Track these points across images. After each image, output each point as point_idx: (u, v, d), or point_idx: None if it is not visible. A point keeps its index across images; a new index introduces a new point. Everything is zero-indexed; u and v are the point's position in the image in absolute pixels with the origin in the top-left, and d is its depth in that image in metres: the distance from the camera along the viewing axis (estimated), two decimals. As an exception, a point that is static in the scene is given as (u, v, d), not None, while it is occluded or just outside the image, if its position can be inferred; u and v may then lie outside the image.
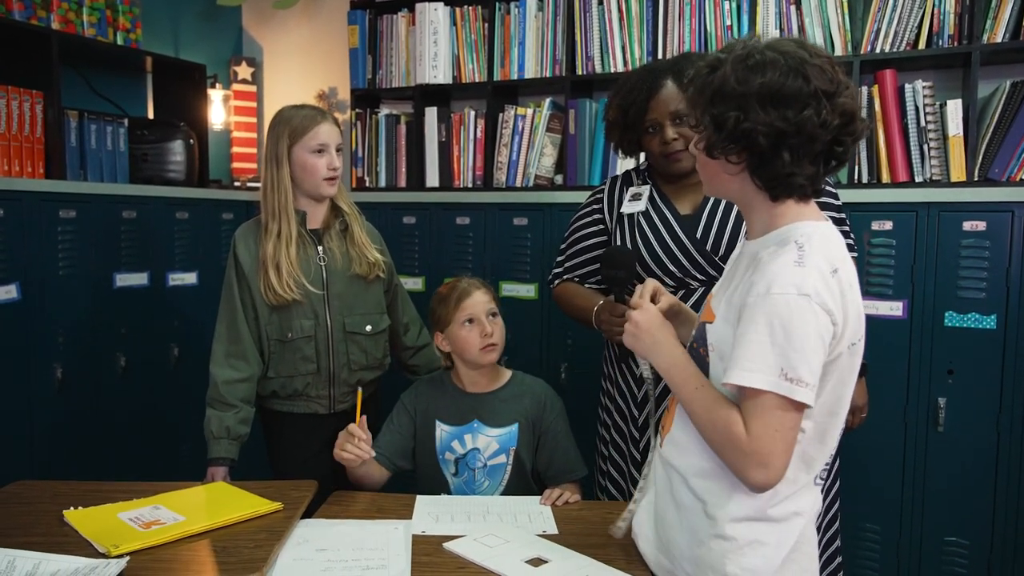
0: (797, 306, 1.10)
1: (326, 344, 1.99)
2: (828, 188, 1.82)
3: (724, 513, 1.20)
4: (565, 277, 2.03)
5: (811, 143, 1.13)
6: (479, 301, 1.86)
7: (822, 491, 1.28)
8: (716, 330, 1.23)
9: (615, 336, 1.79)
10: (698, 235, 1.77)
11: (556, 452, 1.87)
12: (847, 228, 1.85)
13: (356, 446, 1.70)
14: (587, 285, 1.98)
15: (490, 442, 1.86)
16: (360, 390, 1.81)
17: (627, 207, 1.89)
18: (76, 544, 1.40)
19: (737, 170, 1.19)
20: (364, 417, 1.74)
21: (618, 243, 1.88)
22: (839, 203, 1.84)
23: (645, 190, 1.88)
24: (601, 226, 1.96)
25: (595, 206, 1.98)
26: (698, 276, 1.77)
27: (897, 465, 2.33)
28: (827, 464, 1.26)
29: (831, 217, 1.76)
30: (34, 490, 1.71)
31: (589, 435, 2.07)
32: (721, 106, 1.15)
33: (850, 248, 1.84)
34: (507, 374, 1.94)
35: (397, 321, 2.16)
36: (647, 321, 1.30)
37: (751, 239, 1.27)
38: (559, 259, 2.05)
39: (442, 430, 1.88)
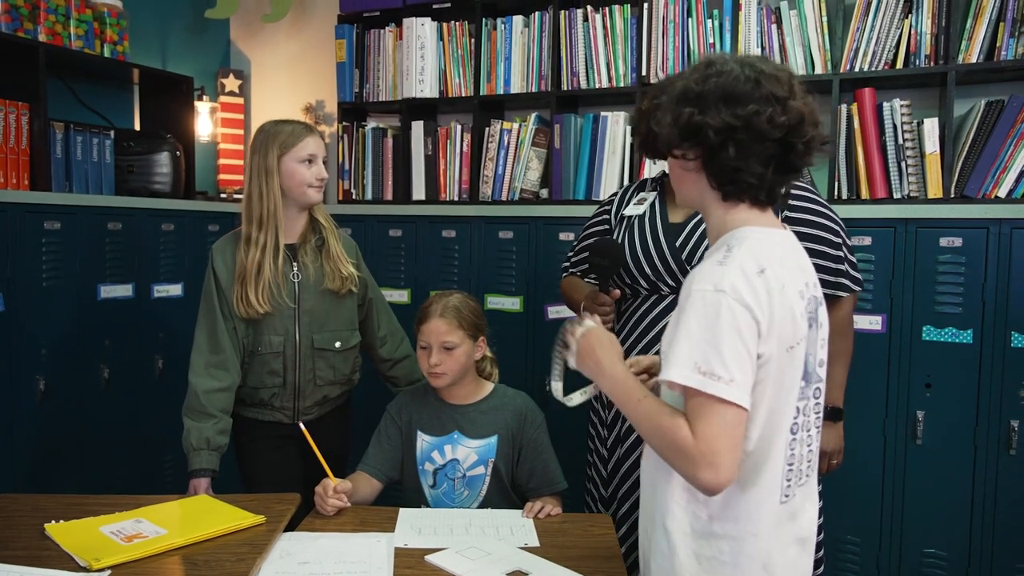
0: (713, 301, 1.11)
1: (294, 360, 2.00)
2: (821, 208, 1.83)
3: (673, 526, 1.22)
4: (571, 271, 2.11)
5: (759, 140, 1.15)
6: (435, 331, 1.84)
7: None
8: (667, 332, 1.25)
9: None
10: (678, 243, 1.81)
11: (536, 465, 1.88)
12: (843, 253, 1.82)
13: (335, 499, 1.71)
14: (587, 280, 2.05)
15: (469, 453, 1.87)
16: (304, 428, 1.77)
17: (629, 210, 1.95)
18: (57, 558, 1.40)
19: (693, 167, 1.22)
20: (340, 481, 1.75)
21: None
22: (836, 227, 1.82)
23: (651, 196, 1.93)
24: (606, 226, 2.02)
25: (606, 207, 2.06)
26: (669, 282, 1.80)
27: (877, 477, 2.36)
28: (788, 482, 1.22)
29: (826, 239, 1.77)
30: (15, 503, 1.71)
31: (575, 448, 2.09)
32: (682, 106, 1.19)
33: (855, 282, 1.84)
34: (489, 386, 1.95)
35: (373, 334, 2.18)
36: (586, 342, 1.30)
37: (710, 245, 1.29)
38: (569, 254, 2.14)
39: (423, 440, 1.89)
